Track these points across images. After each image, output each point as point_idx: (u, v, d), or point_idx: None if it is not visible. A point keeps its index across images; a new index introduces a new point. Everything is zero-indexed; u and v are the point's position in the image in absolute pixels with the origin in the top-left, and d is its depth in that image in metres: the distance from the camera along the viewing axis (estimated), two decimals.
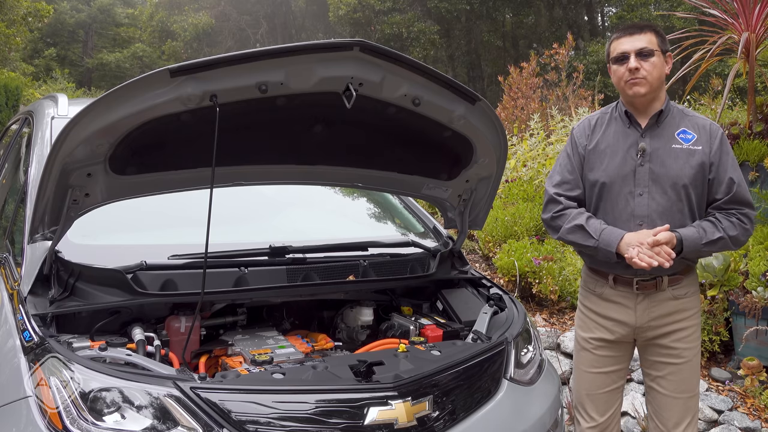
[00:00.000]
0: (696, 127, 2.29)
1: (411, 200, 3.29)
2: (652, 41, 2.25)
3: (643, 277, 2.28)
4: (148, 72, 1.79)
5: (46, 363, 1.73)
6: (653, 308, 2.30)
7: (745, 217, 2.24)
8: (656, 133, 2.29)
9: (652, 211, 2.24)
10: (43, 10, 15.25)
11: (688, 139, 2.27)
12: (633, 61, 2.23)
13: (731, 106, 7.65)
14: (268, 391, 1.76)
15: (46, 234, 2.03)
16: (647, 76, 2.23)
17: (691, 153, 2.25)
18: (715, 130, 2.28)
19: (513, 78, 9.60)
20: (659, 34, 2.29)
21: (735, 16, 4.86)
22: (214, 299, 2.21)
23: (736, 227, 2.22)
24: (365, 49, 1.89)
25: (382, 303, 2.64)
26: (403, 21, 19.14)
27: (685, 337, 2.31)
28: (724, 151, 2.25)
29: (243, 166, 2.23)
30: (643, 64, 2.23)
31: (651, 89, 2.25)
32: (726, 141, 2.29)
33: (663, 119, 2.30)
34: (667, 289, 2.29)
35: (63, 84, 21.73)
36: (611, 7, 20.82)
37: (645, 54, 2.23)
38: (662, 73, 2.28)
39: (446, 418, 1.93)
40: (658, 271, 2.23)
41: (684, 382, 2.32)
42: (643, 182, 2.26)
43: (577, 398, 2.51)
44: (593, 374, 2.43)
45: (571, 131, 2.50)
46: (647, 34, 2.26)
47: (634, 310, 2.32)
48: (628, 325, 2.34)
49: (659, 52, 2.26)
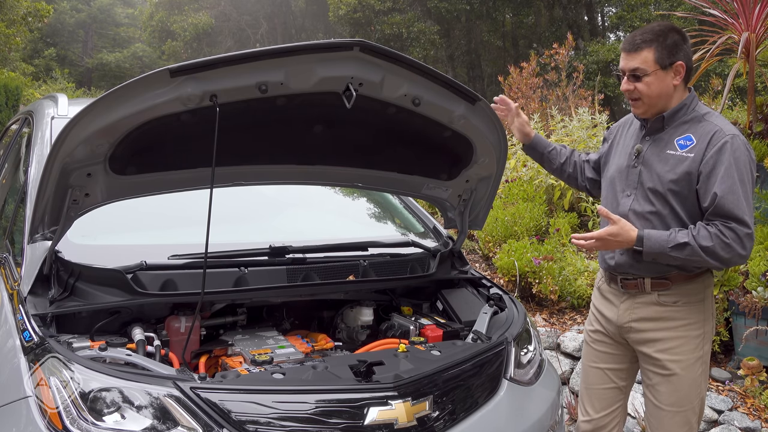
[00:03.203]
0: (701, 132, 2.15)
1: (411, 200, 3.29)
2: (647, 60, 2.14)
3: (625, 276, 2.30)
4: (148, 72, 1.79)
5: (46, 363, 1.72)
6: (635, 309, 2.29)
7: (728, 231, 2.04)
8: (658, 137, 2.25)
9: (630, 212, 2.25)
10: (43, 10, 15.24)
11: (685, 146, 2.17)
12: (624, 83, 2.21)
13: (731, 106, 7.65)
14: (268, 391, 1.76)
15: (46, 234, 2.03)
16: (642, 97, 2.19)
17: (681, 160, 2.15)
18: (717, 139, 2.10)
19: (513, 78, 9.59)
20: (661, 48, 2.14)
21: (735, 16, 4.86)
22: (214, 299, 2.21)
23: (713, 238, 2.04)
24: (365, 49, 1.89)
25: (382, 303, 2.65)
26: (403, 21, 19.14)
27: (670, 348, 2.23)
28: (719, 161, 2.07)
29: (243, 166, 2.23)
30: (636, 85, 2.18)
31: (648, 108, 2.21)
32: (727, 150, 2.08)
33: (669, 124, 2.22)
34: (651, 292, 2.25)
35: (63, 84, 21.73)
36: (611, 7, 20.80)
37: (637, 75, 2.17)
38: (663, 89, 2.17)
39: (446, 418, 1.93)
40: (637, 272, 2.26)
41: (673, 395, 2.25)
42: (632, 184, 2.27)
43: (579, 392, 2.60)
44: (592, 369, 2.49)
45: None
46: (643, 52, 2.14)
47: (617, 308, 2.34)
48: (611, 322, 2.37)
49: (657, 70, 2.14)
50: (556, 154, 2.64)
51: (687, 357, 2.24)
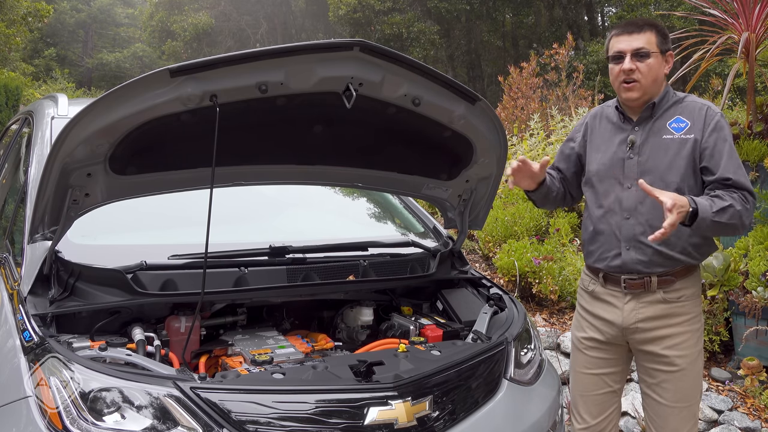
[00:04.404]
0: (692, 112, 2.21)
1: (411, 200, 3.29)
2: (651, 41, 2.18)
3: (630, 276, 2.25)
4: (148, 72, 1.79)
5: (46, 363, 1.73)
6: (641, 310, 2.25)
7: (743, 199, 2.10)
8: (648, 126, 2.25)
9: (639, 204, 2.21)
10: (43, 10, 15.24)
11: (680, 128, 2.20)
12: (628, 62, 2.19)
13: (731, 106, 7.66)
14: (268, 391, 1.76)
15: (46, 234, 2.03)
16: (641, 79, 2.18)
17: (682, 143, 2.18)
18: (711, 115, 2.18)
19: (513, 78, 9.60)
20: (660, 33, 2.22)
21: (735, 16, 4.86)
22: (214, 299, 2.21)
23: (739, 202, 2.08)
24: (365, 49, 1.89)
25: (382, 303, 2.64)
26: (403, 21, 19.12)
27: (677, 344, 2.24)
28: (719, 139, 2.14)
29: (243, 166, 2.23)
30: (638, 66, 2.17)
31: (644, 92, 2.21)
32: (723, 128, 2.17)
33: (658, 111, 2.25)
34: (657, 290, 2.23)
35: (63, 84, 21.74)
36: (611, 7, 20.80)
37: (641, 55, 2.17)
38: (659, 74, 2.21)
39: (446, 418, 1.93)
40: (646, 269, 2.22)
41: (680, 391, 2.25)
42: (631, 175, 2.24)
43: (572, 399, 2.50)
44: (586, 375, 2.41)
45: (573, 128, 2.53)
46: (646, 33, 2.18)
47: (621, 310, 2.28)
48: (615, 325, 2.30)
49: (658, 52, 2.19)
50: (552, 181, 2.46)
51: (691, 351, 2.25)
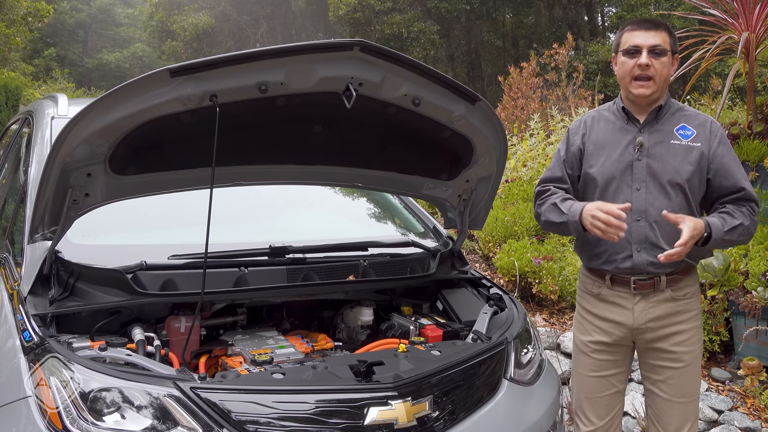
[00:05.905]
0: (696, 123, 2.27)
1: (411, 200, 3.29)
2: (665, 40, 2.22)
3: (640, 277, 2.25)
4: (148, 72, 1.79)
5: (46, 363, 1.73)
6: (651, 309, 2.26)
7: (750, 210, 2.23)
8: (655, 129, 2.27)
9: (649, 206, 2.23)
10: (43, 10, 15.24)
11: (687, 135, 2.25)
12: (645, 57, 2.20)
13: (731, 106, 7.66)
14: (268, 391, 1.76)
15: (46, 234, 2.03)
16: (655, 76, 2.21)
17: (690, 150, 2.23)
18: (715, 129, 2.26)
19: (513, 78, 9.61)
20: (672, 35, 2.26)
21: (735, 16, 4.86)
22: (214, 299, 2.21)
23: (748, 217, 2.21)
24: (365, 49, 1.89)
25: (382, 303, 2.64)
26: (403, 21, 19.12)
27: (684, 340, 2.28)
28: (726, 152, 2.24)
29: (243, 166, 2.23)
30: (653, 62, 2.20)
31: (656, 90, 2.23)
32: (726, 140, 2.27)
33: (663, 115, 2.28)
34: (665, 289, 2.25)
35: (63, 84, 21.74)
36: (611, 7, 20.81)
37: (658, 52, 2.20)
38: (669, 73, 2.25)
39: (446, 418, 1.93)
40: (656, 270, 2.23)
41: (684, 386, 2.30)
42: (640, 177, 2.25)
43: (576, 402, 2.48)
44: (593, 378, 2.39)
45: (567, 130, 2.50)
46: (662, 32, 2.22)
47: (631, 311, 2.28)
48: (625, 326, 2.30)
49: (670, 52, 2.23)
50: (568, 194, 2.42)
51: (696, 347, 2.32)
